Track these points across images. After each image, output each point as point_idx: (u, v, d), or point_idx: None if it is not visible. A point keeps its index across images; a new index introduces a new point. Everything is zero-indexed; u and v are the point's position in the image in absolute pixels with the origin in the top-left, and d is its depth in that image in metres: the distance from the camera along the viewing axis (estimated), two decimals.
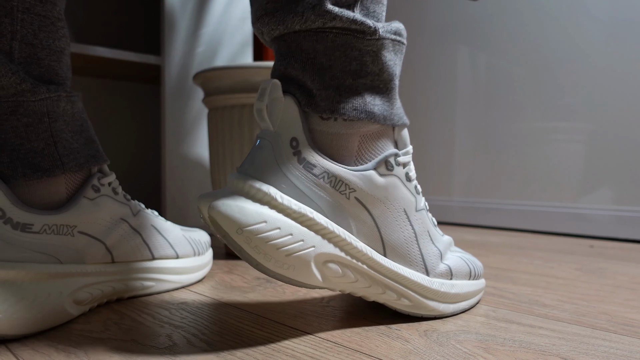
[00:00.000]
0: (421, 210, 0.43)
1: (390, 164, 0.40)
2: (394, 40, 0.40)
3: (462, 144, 1.30)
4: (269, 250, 0.34)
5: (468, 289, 0.45)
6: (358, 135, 0.39)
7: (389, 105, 0.40)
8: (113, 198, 0.46)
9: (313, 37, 0.37)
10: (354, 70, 0.38)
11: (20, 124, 0.40)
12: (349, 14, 0.37)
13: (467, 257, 0.47)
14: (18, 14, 0.41)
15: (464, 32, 1.28)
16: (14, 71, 0.39)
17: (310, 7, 0.36)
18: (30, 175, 0.40)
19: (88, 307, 0.44)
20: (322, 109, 0.37)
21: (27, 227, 0.39)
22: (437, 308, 0.42)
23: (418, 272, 0.41)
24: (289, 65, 0.38)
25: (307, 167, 0.36)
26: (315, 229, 0.36)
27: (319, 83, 0.38)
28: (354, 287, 0.39)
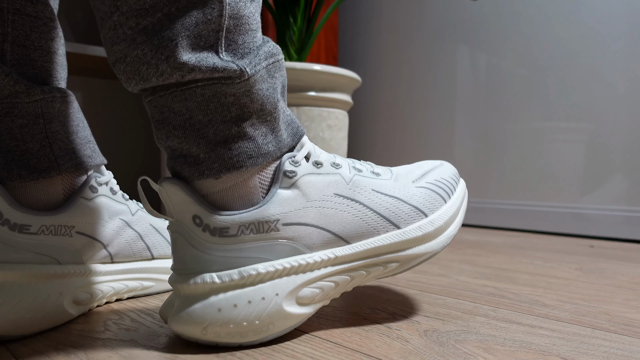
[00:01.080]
0: (353, 178, 0.39)
1: (289, 172, 0.37)
2: (267, 67, 0.36)
3: (462, 144, 1.30)
4: (240, 329, 0.34)
5: (447, 215, 0.42)
6: (256, 173, 0.36)
7: (282, 132, 0.37)
8: (111, 198, 0.45)
9: (181, 96, 0.34)
10: (235, 117, 0.35)
11: (15, 125, 0.40)
12: (209, 62, 0.33)
13: (432, 179, 0.43)
14: (8, 16, 0.41)
15: (464, 32, 1.28)
16: (7, 73, 0.39)
17: (163, 60, 0.33)
18: (26, 177, 0.40)
19: (88, 307, 0.44)
20: (216, 170, 0.35)
21: (25, 228, 0.38)
22: (426, 250, 0.41)
23: (388, 232, 0.39)
24: (169, 135, 0.35)
25: (222, 234, 0.35)
26: (267, 278, 0.35)
27: (204, 145, 0.35)
28: (340, 290, 0.39)
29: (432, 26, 1.36)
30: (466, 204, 0.45)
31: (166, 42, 0.32)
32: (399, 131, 1.45)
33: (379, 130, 1.51)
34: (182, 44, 0.33)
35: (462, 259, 0.74)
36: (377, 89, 1.51)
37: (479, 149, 1.26)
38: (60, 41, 0.45)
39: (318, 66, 0.84)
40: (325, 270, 0.37)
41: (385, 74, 1.49)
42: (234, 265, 0.35)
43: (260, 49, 0.36)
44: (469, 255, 0.78)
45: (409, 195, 0.41)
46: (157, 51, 0.33)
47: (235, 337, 0.35)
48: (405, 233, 0.40)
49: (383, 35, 1.49)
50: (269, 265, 0.35)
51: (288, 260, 0.36)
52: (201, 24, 0.33)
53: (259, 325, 0.35)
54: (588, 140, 1.07)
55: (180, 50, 0.33)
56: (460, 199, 0.44)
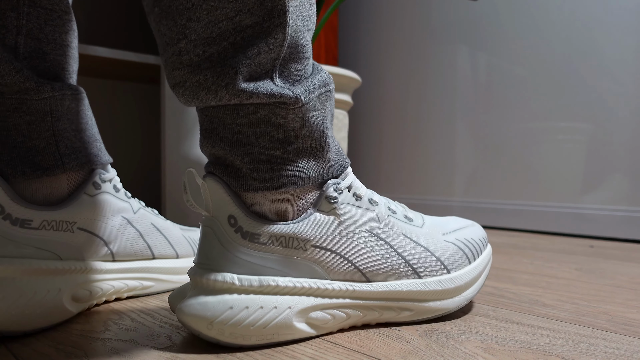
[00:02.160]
0: (387, 218, 0.40)
1: (331, 197, 0.38)
2: (320, 96, 0.37)
3: (462, 144, 1.30)
4: (245, 331, 0.34)
5: (470, 276, 0.43)
6: (295, 195, 0.37)
7: (325, 161, 0.38)
8: (114, 195, 0.46)
9: (234, 111, 0.35)
10: (282, 139, 0.36)
11: (23, 121, 0.40)
12: (266, 89, 0.34)
13: (462, 237, 0.44)
14: (24, 8, 0.40)
15: (464, 32, 1.28)
16: (18, 69, 0.39)
17: (223, 86, 0.33)
18: (29, 174, 0.40)
19: (87, 304, 0.44)
20: (255, 187, 0.36)
21: (26, 223, 0.39)
22: (441, 307, 0.41)
23: (409, 279, 0.40)
24: (215, 145, 0.36)
25: (252, 239, 0.35)
26: (284, 292, 0.36)
27: (248, 161, 0.35)
28: (350, 323, 0.39)
29: (432, 26, 1.36)
30: (489, 269, 0.46)
31: (227, 69, 0.33)
32: (399, 131, 1.45)
33: (379, 130, 1.51)
34: (242, 71, 0.33)
35: None
36: (377, 89, 1.51)
37: (479, 149, 1.26)
38: (74, 34, 0.45)
39: None
40: (343, 300, 0.38)
41: (385, 74, 1.49)
42: (256, 272, 0.35)
43: (314, 78, 0.37)
44: None
45: (437, 248, 0.42)
46: (218, 78, 0.33)
47: (238, 338, 0.35)
48: (425, 284, 0.40)
49: (383, 35, 1.49)
50: (288, 280, 0.36)
51: (308, 281, 0.37)
52: (263, 54, 0.34)
53: (265, 332, 0.35)
54: (588, 140, 1.07)
55: (239, 78, 0.33)
56: (485, 263, 0.45)
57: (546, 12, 1.12)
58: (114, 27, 1.27)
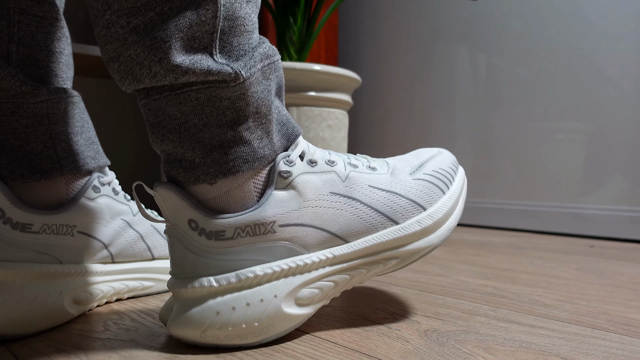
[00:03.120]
0: (349, 175, 0.39)
1: (284, 172, 0.36)
2: (263, 69, 0.35)
3: (462, 143, 1.30)
4: (239, 331, 0.34)
5: (447, 206, 0.41)
6: (250, 178, 0.36)
7: (277, 134, 0.37)
8: (113, 198, 0.46)
9: (176, 100, 0.34)
10: (230, 121, 0.34)
11: (20, 125, 0.40)
12: (203, 65, 0.32)
13: (430, 170, 0.42)
14: (14, 16, 0.41)
15: (464, 32, 1.28)
16: (13, 74, 0.39)
17: (156, 61, 0.32)
18: (28, 177, 0.40)
19: (88, 307, 0.44)
20: (212, 175, 0.34)
21: (27, 227, 0.39)
22: (426, 245, 0.40)
23: (386, 228, 0.39)
24: (164, 139, 0.35)
25: (218, 237, 0.34)
26: (265, 280, 0.35)
27: (200, 149, 0.34)
28: (340, 289, 0.39)
29: (432, 26, 1.36)
30: (465, 192, 0.44)
31: (159, 43, 0.32)
32: (399, 131, 1.45)
33: (379, 130, 1.51)
34: (176, 45, 0.32)
35: (462, 259, 0.74)
36: (377, 89, 1.51)
37: (479, 149, 1.26)
38: (67, 41, 0.45)
39: (318, 66, 0.84)
40: (324, 270, 0.37)
41: (385, 74, 1.49)
42: (232, 268, 0.35)
43: (255, 51, 0.35)
44: (469, 255, 0.78)
45: (407, 189, 0.40)
46: (150, 52, 0.32)
47: (235, 339, 0.35)
48: (404, 228, 0.39)
49: (383, 35, 1.49)
50: (266, 267, 0.35)
51: (286, 262, 0.36)
52: (195, 26, 0.32)
53: (258, 327, 0.35)
54: (588, 140, 1.07)
55: (173, 52, 0.32)
56: (460, 188, 0.43)
57: (546, 12, 1.12)
58: None
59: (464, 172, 0.46)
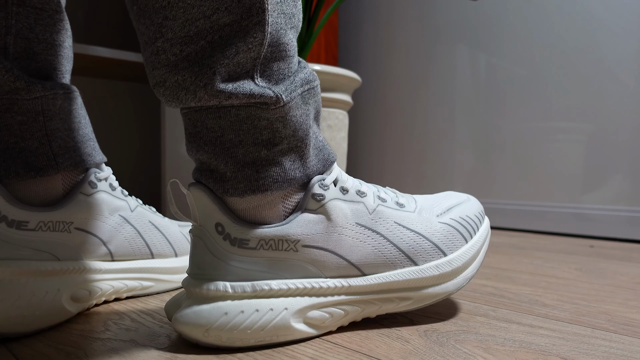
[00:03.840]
0: (376, 208, 0.39)
1: (317, 195, 0.37)
2: (302, 94, 0.36)
3: (462, 144, 1.30)
4: (242, 335, 0.34)
5: (468, 256, 0.41)
6: (280, 197, 0.37)
7: (310, 160, 0.38)
8: (110, 194, 0.45)
9: (216, 114, 0.34)
10: (266, 140, 0.35)
11: (15, 122, 0.40)
12: (245, 89, 0.33)
13: (457, 215, 0.43)
14: (13, 7, 0.40)
15: (464, 32, 1.28)
16: (8, 69, 0.39)
17: (201, 87, 0.33)
18: (23, 175, 0.39)
19: (86, 305, 0.44)
20: (241, 191, 0.35)
21: (23, 224, 0.38)
22: (441, 291, 0.40)
23: (405, 267, 0.39)
24: (199, 149, 0.36)
25: (241, 245, 0.35)
26: (278, 295, 0.36)
27: (232, 164, 0.35)
28: (349, 319, 0.39)
29: (432, 26, 1.36)
30: (488, 244, 0.45)
31: (206, 69, 0.33)
32: (398, 131, 1.45)
33: (379, 130, 1.51)
34: (221, 72, 0.33)
35: None
36: (377, 89, 1.51)
37: (479, 149, 1.26)
38: (67, 33, 0.44)
39: (318, 66, 0.83)
40: (338, 297, 0.38)
41: (385, 74, 1.49)
42: (249, 277, 0.35)
43: (296, 75, 0.36)
44: None
45: (431, 232, 0.41)
46: (197, 78, 0.33)
47: (236, 342, 0.35)
48: (422, 271, 0.39)
49: (383, 35, 1.49)
50: (282, 283, 0.36)
51: (302, 281, 0.36)
52: (242, 53, 0.33)
53: (262, 334, 0.35)
54: (588, 140, 1.07)
55: (218, 78, 0.33)
56: (483, 239, 0.44)
57: (546, 12, 1.12)
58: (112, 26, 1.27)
59: (489, 224, 0.46)
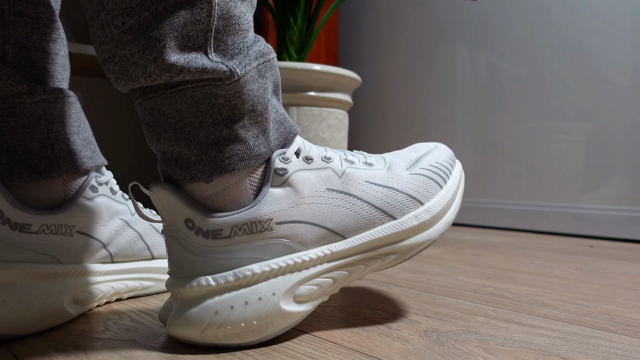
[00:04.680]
0: (345, 171, 0.39)
1: (279, 169, 0.36)
2: (258, 67, 0.35)
3: (462, 144, 1.30)
4: (238, 330, 0.34)
5: (444, 200, 0.41)
6: (246, 176, 0.36)
7: (274, 132, 0.37)
8: (111, 197, 0.46)
9: (171, 98, 0.34)
10: (226, 119, 0.34)
11: (17, 125, 0.40)
12: (198, 63, 0.32)
13: (427, 164, 0.42)
14: (10, 17, 0.41)
15: (464, 32, 1.28)
16: (10, 74, 0.39)
17: (151, 60, 0.32)
18: (26, 177, 0.40)
19: (87, 307, 0.44)
20: (208, 174, 0.34)
21: (26, 227, 0.39)
22: (424, 239, 0.40)
23: (384, 223, 0.39)
24: (160, 138, 0.35)
25: (215, 236, 0.34)
26: (262, 278, 0.35)
27: (195, 148, 0.34)
28: (338, 285, 0.39)
29: (432, 26, 1.36)
30: (463, 186, 0.44)
31: (153, 42, 0.32)
32: (399, 131, 1.45)
33: (379, 130, 1.51)
34: (170, 44, 0.32)
35: (462, 259, 0.74)
36: (377, 89, 1.51)
37: (479, 149, 1.26)
38: (62, 42, 0.45)
39: (318, 66, 0.84)
40: (322, 267, 0.37)
41: (385, 74, 1.49)
42: (229, 266, 0.35)
43: (250, 49, 0.35)
44: (469, 255, 0.78)
45: (404, 184, 0.40)
46: (145, 52, 0.32)
47: (234, 338, 0.35)
48: (402, 223, 0.39)
49: (383, 35, 1.49)
50: (264, 265, 0.35)
51: (283, 259, 0.36)
52: (189, 25, 0.32)
53: (257, 325, 0.35)
54: (588, 140, 1.07)
55: (168, 52, 0.32)
56: (457, 182, 0.43)
57: (546, 12, 1.12)
58: None
59: (461, 166, 0.46)
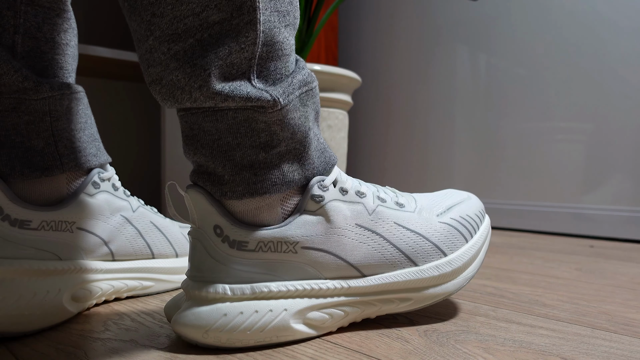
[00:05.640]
0: (376, 209, 0.39)
1: (317, 196, 0.36)
2: (300, 96, 0.36)
3: (462, 144, 1.30)
4: (242, 336, 0.34)
5: (468, 256, 0.41)
6: (279, 199, 0.36)
7: (310, 162, 0.37)
8: (112, 194, 0.45)
9: (212, 117, 0.34)
10: (264, 143, 0.35)
11: (21, 121, 0.40)
12: (242, 91, 0.33)
13: (457, 215, 0.42)
14: (21, 7, 0.40)
15: (464, 32, 1.28)
16: (17, 68, 0.39)
17: (196, 88, 0.32)
18: (28, 175, 0.40)
19: (86, 304, 0.44)
20: (239, 194, 0.35)
21: (25, 223, 0.38)
22: (441, 292, 0.40)
23: (405, 268, 0.39)
24: (197, 152, 0.35)
25: (240, 247, 0.35)
26: (278, 296, 0.35)
27: (230, 167, 0.35)
28: (349, 320, 0.39)
29: (432, 26, 1.36)
30: (488, 243, 0.44)
31: (199, 70, 0.32)
32: (398, 131, 1.45)
33: (379, 130, 1.51)
34: (215, 73, 0.32)
35: None
36: (377, 89, 1.51)
37: (479, 149, 1.26)
38: (73, 32, 0.45)
39: (318, 66, 0.83)
40: (339, 299, 0.38)
41: (385, 74, 1.49)
42: (248, 279, 0.35)
43: (294, 77, 0.36)
44: None
45: (431, 232, 0.40)
46: (191, 79, 0.32)
47: (236, 343, 0.35)
48: (422, 272, 0.39)
49: (383, 35, 1.49)
50: (281, 284, 0.35)
51: (301, 283, 0.36)
52: (235, 53, 0.33)
53: (262, 335, 0.35)
54: (588, 140, 1.07)
55: (213, 80, 0.32)
56: (483, 238, 0.43)
57: (546, 12, 1.12)
58: (112, 26, 1.27)
59: (490, 222, 0.45)
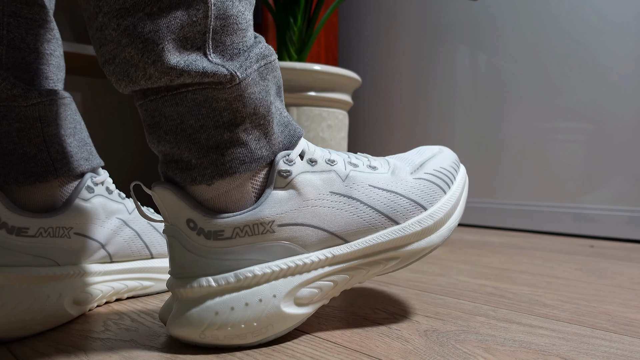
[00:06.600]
0: (349, 174, 0.38)
1: (283, 171, 0.36)
2: (259, 69, 0.35)
3: (462, 144, 1.30)
4: (238, 331, 0.34)
5: (448, 206, 0.41)
6: (248, 178, 0.36)
7: (276, 136, 0.36)
8: (107, 197, 0.45)
9: (172, 101, 0.33)
10: (227, 122, 0.34)
11: (13, 128, 0.40)
12: (198, 66, 0.32)
13: (431, 169, 0.42)
14: (4, 19, 0.40)
15: (464, 32, 1.28)
16: (4, 77, 0.39)
17: (151, 63, 0.32)
18: (22, 181, 0.39)
19: (88, 307, 0.44)
20: (208, 177, 0.34)
21: (23, 231, 0.38)
22: (427, 245, 0.40)
23: (386, 228, 0.39)
24: (161, 140, 0.35)
25: (216, 237, 0.34)
26: (263, 280, 0.35)
27: (196, 151, 0.34)
28: (339, 289, 0.39)
29: (432, 26, 1.36)
30: (467, 192, 0.44)
31: (151, 45, 0.32)
32: (399, 131, 1.45)
33: (379, 130, 1.51)
34: (169, 47, 0.32)
35: (462, 259, 0.74)
36: (377, 89, 1.51)
37: (479, 149, 1.26)
38: (57, 42, 0.45)
39: (318, 66, 0.84)
40: (323, 270, 0.37)
41: (385, 74, 1.49)
42: (230, 268, 0.35)
43: (251, 51, 0.35)
44: (469, 255, 0.78)
45: (407, 189, 0.40)
46: (144, 55, 0.32)
47: (234, 339, 0.35)
48: (404, 229, 0.39)
49: (383, 35, 1.49)
50: (265, 267, 0.35)
51: (285, 262, 0.36)
52: (187, 26, 0.32)
53: (257, 327, 0.35)
54: (588, 140, 1.07)
55: (167, 54, 0.32)
56: (461, 187, 0.43)
57: (546, 12, 1.12)
58: None
59: (465, 171, 0.45)
